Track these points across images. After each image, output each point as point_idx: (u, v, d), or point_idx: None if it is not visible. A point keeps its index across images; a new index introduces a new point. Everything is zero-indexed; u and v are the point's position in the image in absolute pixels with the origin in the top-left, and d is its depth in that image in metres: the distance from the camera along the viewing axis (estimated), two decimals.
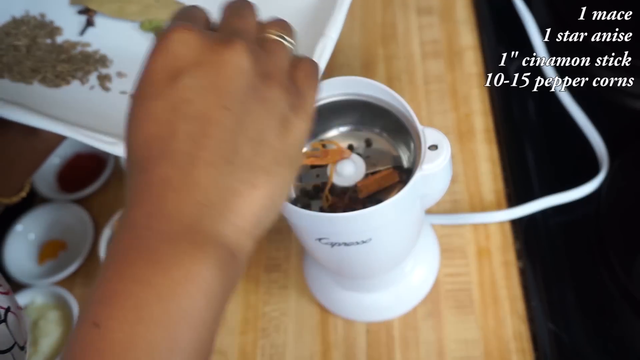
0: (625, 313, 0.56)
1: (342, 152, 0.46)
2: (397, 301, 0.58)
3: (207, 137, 0.29)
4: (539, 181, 0.64)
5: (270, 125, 0.30)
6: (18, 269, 0.65)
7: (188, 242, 0.28)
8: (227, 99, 0.29)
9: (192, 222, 0.28)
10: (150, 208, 0.28)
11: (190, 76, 0.29)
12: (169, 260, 0.27)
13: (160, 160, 0.29)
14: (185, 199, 0.28)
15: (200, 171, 0.28)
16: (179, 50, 0.29)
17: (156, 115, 0.29)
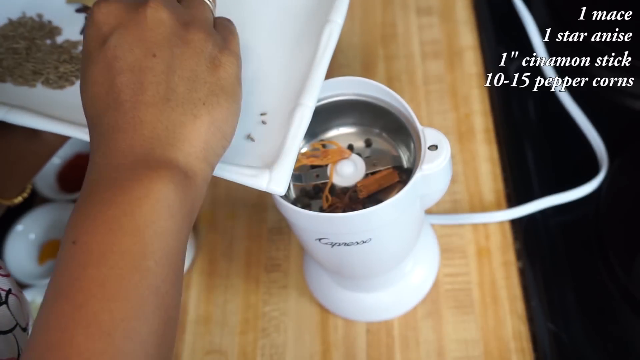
0: (625, 313, 0.57)
1: (342, 152, 0.46)
2: (397, 301, 0.58)
3: (142, 83, 0.33)
4: (538, 181, 0.64)
5: (200, 64, 0.34)
6: (19, 269, 0.65)
7: (143, 168, 0.31)
8: (153, 48, 0.33)
9: (144, 153, 0.32)
10: (105, 149, 0.32)
11: (116, 37, 0.33)
12: (129, 183, 0.31)
13: (105, 112, 0.33)
14: (134, 136, 0.32)
15: (142, 112, 0.32)
16: (103, 19, 0.34)
17: (94, 78, 0.34)
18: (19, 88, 0.46)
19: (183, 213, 0.32)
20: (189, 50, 0.34)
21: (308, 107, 0.40)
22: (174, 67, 0.33)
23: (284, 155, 0.38)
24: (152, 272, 0.30)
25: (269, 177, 0.37)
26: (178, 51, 0.34)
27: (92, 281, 0.29)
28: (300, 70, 0.42)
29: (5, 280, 0.41)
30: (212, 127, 0.34)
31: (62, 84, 0.46)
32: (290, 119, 0.39)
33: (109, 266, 0.29)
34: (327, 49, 0.41)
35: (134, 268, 0.30)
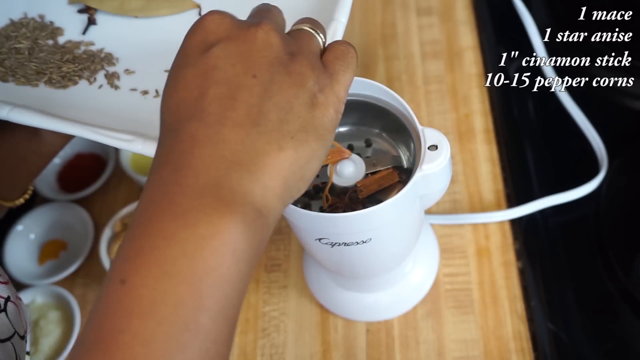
0: (625, 313, 0.57)
1: (342, 152, 0.46)
2: (396, 301, 0.58)
3: (235, 100, 0.30)
4: (538, 181, 0.64)
5: (298, 97, 0.31)
6: (19, 268, 0.65)
7: (215, 198, 0.28)
8: (255, 68, 0.31)
9: (219, 178, 0.28)
10: (178, 163, 0.29)
11: (221, 47, 0.31)
12: (196, 215, 0.27)
13: (189, 120, 0.30)
14: (212, 155, 0.29)
15: (228, 130, 0.29)
16: (213, 28, 0.32)
17: (187, 81, 0.31)
18: (21, 88, 0.46)
19: (248, 259, 0.28)
20: (290, 80, 0.31)
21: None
22: (271, 93, 0.31)
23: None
24: (204, 330, 0.26)
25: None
26: (279, 78, 0.31)
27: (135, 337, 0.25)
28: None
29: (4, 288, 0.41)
30: (294, 164, 0.30)
31: (65, 83, 0.46)
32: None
33: (157, 320, 0.26)
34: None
35: (184, 325, 0.26)
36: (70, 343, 0.59)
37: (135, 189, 0.70)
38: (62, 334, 0.61)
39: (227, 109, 0.30)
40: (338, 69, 0.33)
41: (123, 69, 0.47)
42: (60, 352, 0.59)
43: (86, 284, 0.65)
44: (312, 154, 0.31)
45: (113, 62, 0.47)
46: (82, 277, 0.65)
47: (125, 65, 0.47)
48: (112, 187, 0.71)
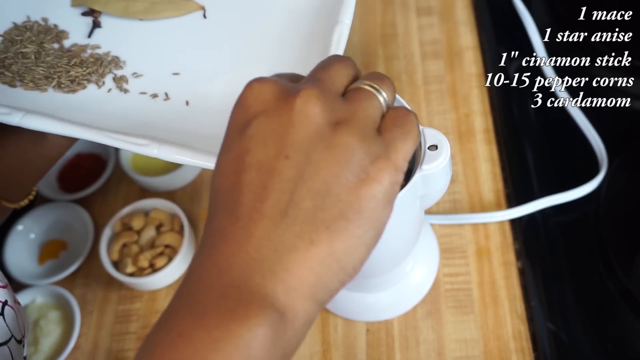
0: (625, 313, 0.57)
1: None
2: (397, 301, 0.58)
3: (266, 187, 0.27)
4: (538, 181, 0.64)
5: (339, 176, 0.27)
6: (19, 268, 0.65)
7: (235, 299, 0.26)
8: (289, 148, 0.27)
9: (241, 277, 0.27)
10: (204, 259, 0.28)
11: (255, 125, 0.28)
12: (213, 316, 0.26)
13: (221, 211, 0.28)
14: (236, 252, 0.27)
15: (256, 224, 0.27)
16: (251, 101, 0.29)
17: (224, 168, 0.29)
18: (29, 93, 0.45)
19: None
20: (331, 157, 0.27)
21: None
22: (306, 176, 0.27)
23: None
24: None
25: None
26: (316, 157, 0.27)
27: None
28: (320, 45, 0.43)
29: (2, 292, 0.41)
30: (328, 258, 0.27)
31: (74, 87, 0.45)
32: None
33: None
34: (338, 50, 0.42)
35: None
36: (70, 343, 0.59)
37: (135, 189, 0.70)
38: (62, 333, 0.61)
39: (257, 199, 0.27)
40: (396, 135, 0.29)
41: (131, 72, 0.47)
42: (60, 352, 0.59)
43: (86, 284, 0.65)
44: (356, 243, 0.28)
45: (120, 65, 0.47)
46: (82, 277, 0.65)
47: (132, 68, 0.47)
48: (112, 187, 0.71)
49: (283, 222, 0.27)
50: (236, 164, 0.28)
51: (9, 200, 0.50)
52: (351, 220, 0.27)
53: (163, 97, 0.44)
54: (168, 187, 0.69)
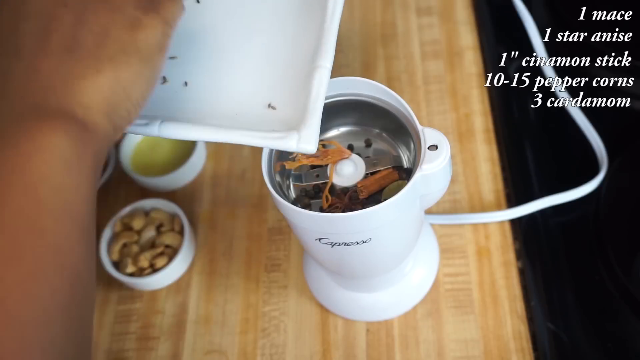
0: (625, 313, 0.57)
1: (342, 152, 0.46)
2: (396, 301, 0.58)
3: (47, 31, 0.31)
4: (538, 181, 0.64)
5: (116, 21, 0.32)
6: None
7: (34, 119, 0.29)
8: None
9: (36, 103, 0.30)
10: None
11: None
12: (18, 135, 0.29)
13: (2, 57, 0.31)
14: (27, 84, 0.30)
15: (41, 61, 0.31)
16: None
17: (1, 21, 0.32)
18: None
19: (83, 167, 0.30)
20: (106, 6, 0.32)
21: (326, 67, 0.40)
22: (85, 20, 0.32)
23: (309, 116, 0.38)
24: (50, 230, 0.28)
25: (297, 136, 0.37)
26: (92, 5, 0.32)
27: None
28: (310, 37, 0.43)
29: None
30: (115, 85, 0.32)
31: None
32: (309, 82, 0.40)
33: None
34: (335, 13, 0.42)
35: (28, 228, 0.28)
36: None
37: (135, 189, 0.70)
38: None
39: (39, 41, 0.31)
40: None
41: None
42: None
43: None
44: (137, 75, 0.32)
45: None
46: None
47: None
48: (112, 187, 0.71)
49: (68, 57, 0.31)
50: (13, 14, 0.32)
51: None
52: (131, 55, 0.32)
53: (161, 80, 0.45)
54: (168, 187, 0.69)
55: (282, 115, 0.40)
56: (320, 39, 0.42)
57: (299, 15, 0.45)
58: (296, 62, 0.42)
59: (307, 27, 0.44)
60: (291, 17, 0.45)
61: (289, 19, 0.45)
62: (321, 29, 0.42)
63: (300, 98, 0.40)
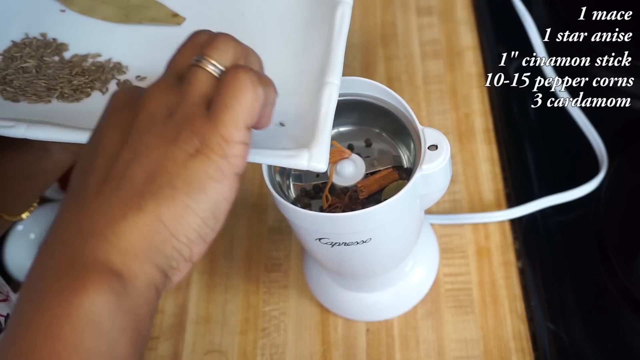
0: (625, 313, 0.57)
1: (342, 152, 0.46)
2: (397, 301, 0.58)
3: (107, 170, 0.30)
4: (538, 181, 0.64)
5: (168, 153, 0.29)
6: (19, 269, 0.65)
7: (69, 275, 0.27)
8: (128, 135, 0.30)
9: (74, 252, 0.28)
10: (44, 245, 0.29)
11: (111, 118, 0.32)
12: (51, 297, 0.27)
13: (66, 197, 0.31)
14: (70, 230, 0.29)
15: (90, 201, 0.29)
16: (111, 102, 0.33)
17: (82, 157, 0.32)
18: (33, 106, 0.45)
19: (118, 327, 0.28)
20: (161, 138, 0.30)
21: (334, 84, 0.40)
22: (140, 156, 0.30)
23: (319, 133, 0.38)
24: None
25: (308, 155, 0.37)
26: (149, 139, 0.30)
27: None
28: (318, 52, 0.42)
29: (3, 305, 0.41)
30: (157, 223, 0.29)
31: (78, 96, 0.45)
32: (318, 99, 0.40)
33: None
34: (342, 28, 0.42)
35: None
36: None
37: None
38: None
39: (97, 181, 0.30)
40: (220, 106, 0.30)
41: (134, 76, 0.46)
42: None
43: None
44: (181, 210, 0.29)
45: (123, 70, 0.46)
46: None
47: (135, 72, 0.46)
48: None
49: (114, 195, 0.29)
50: (91, 153, 0.31)
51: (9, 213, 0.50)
52: (178, 188, 0.29)
53: None
54: None
55: (291, 132, 0.40)
56: (328, 54, 0.41)
57: (305, 30, 0.45)
58: (304, 78, 0.42)
59: (315, 42, 0.43)
60: (298, 32, 0.45)
61: (295, 34, 0.45)
62: (329, 43, 0.42)
63: (310, 114, 0.39)
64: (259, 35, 0.46)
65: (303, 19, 0.45)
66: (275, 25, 0.46)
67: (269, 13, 0.47)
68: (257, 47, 0.45)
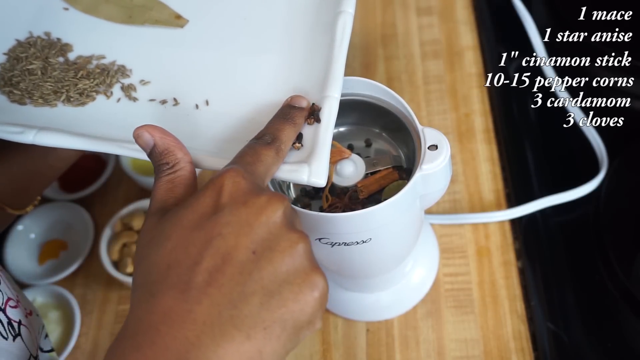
0: (625, 313, 0.57)
1: (342, 152, 0.46)
2: (397, 301, 0.58)
3: (224, 275, 0.29)
4: (538, 181, 0.64)
5: (290, 282, 0.30)
6: (19, 268, 0.65)
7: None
8: (258, 243, 0.30)
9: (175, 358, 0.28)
10: (142, 339, 0.28)
11: (231, 212, 0.30)
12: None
13: (171, 288, 0.29)
14: (177, 336, 0.28)
15: (202, 307, 0.28)
16: (230, 188, 0.31)
17: (188, 243, 0.30)
18: (39, 109, 0.45)
19: None
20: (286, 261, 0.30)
21: (334, 98, 0.40)
22: (262, 274, 0.29)
23: (319, 148, 0.38)
24: None
25: (308, 170, 0.37)
26: (276, 258, 0.30)
27: None
28: (319, 63, 0.43)
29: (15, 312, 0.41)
30: (256, 355, 0.29)
31: (83, 100, 0.45)
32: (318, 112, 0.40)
33: None
34: (344, 39, 0.43)
35: None
36: (70, 343, 0.59)
37: (135, 189, 0.70)
38: (62, 333, 0.61)
39: (211, 284, 0.29)
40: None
41: (138, 80, 0.46)
42: (61, 352, 0.59)
43: (86, 283, 0.65)
44: (282, 350, 0.29)
45: (127, 73, 0.46)
46: (82, 277, 0.65)
47: (139, 76, 0.46)
48: (112, 187, 0.71)
49: (228, 313, 0.28)
50: (202, 242, 0.29)
51: (14, 207, 0.50)
52: (285, 328, 0.29)
53: (172, 102, 0.44)
54: None
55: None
56: (328, 67, 0.41)
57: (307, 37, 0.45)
58: (304, 90, 0.42)
59: (316, 51, 0.43)
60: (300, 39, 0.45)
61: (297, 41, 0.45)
62: (330, 55, 0.42)
63: (310, 128, 0.40)
64: (260, 40, 0.46)
65: (305, 26, 0.45)
66: (277, 30, 0.46)
67: (271, 19, 0.47)
68: (258, 52, 0.45)
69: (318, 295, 0.30)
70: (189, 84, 0.45)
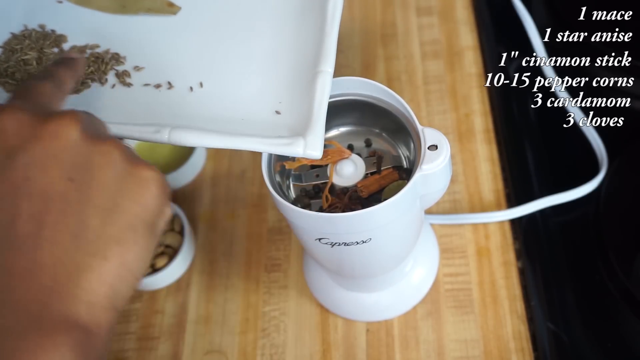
0: (625, 313, 0.57)
1: (342, 152, 0.46)
2: (396, 301, 0.58)
3: (51, 213, 0.28)
4: (538, 181, 0.64)
5: (118, 189, 0.29)
6: None
7: (36, 333, 0.26)
8: (70, 170, 0.28)
9: (39, 309, 0.27)
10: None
11: (26, 152, 0.28)
12: (20, 356, 0.26)
13: (5, 249, 0.27)
14: (30, 286, 0.27)
15: (44, 252, 0.27)
16: (12, 127, 0.29)
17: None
18: None
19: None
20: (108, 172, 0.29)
21: (328, 72, 0.41)
22: (91, 195, 0.28)
23: (314, 121, 0.39)
24: None
25: (304, 143, 0.38)
26: (96, 174, 0.29)
27: None
28: (311, 40, 0.43)
29: None
30: (122, 269, 0.28)
31: (78, 88, 0.46)
32: (312, 87, 0.40)
33: None
34: (335, 15, 0.43)
35: None
36: None
37: None
38: None
39: (42, 227, 0.27)
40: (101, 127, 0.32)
41: (132, 66, 0.47)
42: None
43: None
44: (144, 251, 0.29)
45: (121, 60, 0.47)
46: None
47: (133, 62, 0.47)
48: None
49: (73, 245, 0.27)
50: (12, 194, 0.28)
51: None
52: (138, 230, 0.29)
53: (166, 86, 0.45)
54: None
55: (286, 120, 0.41)
56: (321, 43, 0.42)
57: (299, 18, 0.46)
58: (298, 66, 0.43)
59: (308, 30, 0.44)
60: (291, 20, 0.46)
61: (289, 22, 0.46)
62: (321, 32, 0.43)
63: (304, 103, 0.40)
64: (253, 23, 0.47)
65: (296, 7, 0.46)
66: (268, 13, 0.47)
67: (263, 1, 0.47)
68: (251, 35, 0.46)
69: (154, 187, 0.30)
70: (183, 68, 0.46)
